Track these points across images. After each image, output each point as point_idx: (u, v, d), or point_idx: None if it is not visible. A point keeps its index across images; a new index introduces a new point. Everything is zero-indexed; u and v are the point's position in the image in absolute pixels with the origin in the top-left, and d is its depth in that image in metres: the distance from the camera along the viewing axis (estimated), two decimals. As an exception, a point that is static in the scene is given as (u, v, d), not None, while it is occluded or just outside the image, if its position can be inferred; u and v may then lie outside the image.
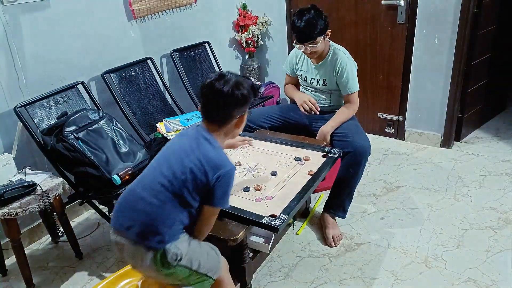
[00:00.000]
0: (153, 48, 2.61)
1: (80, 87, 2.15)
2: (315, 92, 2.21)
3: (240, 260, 1.63)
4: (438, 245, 1.89)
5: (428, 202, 2.21)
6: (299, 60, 2.21)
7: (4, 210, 1.62)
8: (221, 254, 1.37)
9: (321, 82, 2.16)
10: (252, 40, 3.24)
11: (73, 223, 2.21)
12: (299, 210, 2.11)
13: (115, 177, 1.83)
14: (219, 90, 1.20)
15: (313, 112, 2.11)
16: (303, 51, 2.01)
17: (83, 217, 2.34)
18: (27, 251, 1.92)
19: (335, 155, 1.82)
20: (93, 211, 2.15)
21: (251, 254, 1.73)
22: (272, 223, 1.40)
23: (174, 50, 2.70)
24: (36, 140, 1.88)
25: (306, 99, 2.12)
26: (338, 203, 1.99)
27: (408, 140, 2.91)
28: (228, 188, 1.22)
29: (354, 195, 2.01)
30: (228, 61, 3.28)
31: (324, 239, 1.97)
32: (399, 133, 2.96)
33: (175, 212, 1.19)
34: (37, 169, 1.92)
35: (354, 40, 2.88)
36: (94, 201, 2.04)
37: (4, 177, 1.80)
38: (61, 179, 1.84)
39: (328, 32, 2.00)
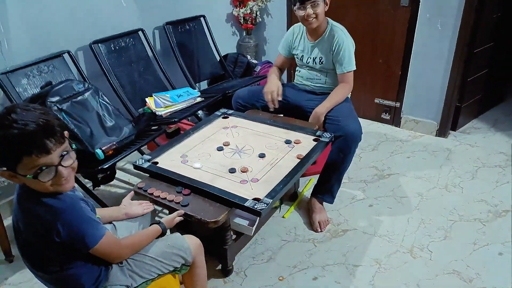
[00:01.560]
0: (145, 19, 2.51)
1: (66, 56, 2.07)
2: (311, 71, 2.14)
3: (222, 242, 1.60)
4: (425, 235, 1.87)
5: (419, 191, 2.18)
6: (295, 39, 2.13)
7: (-19, 180, 1.57)
8: (202, 234, 1.33)
9: (317, 60, 2.09)
10: (250, 16, 3.13)
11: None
12: (287, 193, 2.09)
13: (98, 151, 1.78)
14: None
15: (271, 106, 2.06)
16: (302, 16, 1.91)
17: None
18: (6, 222, 1.89)
19: (326, 140, 1.77)
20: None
21: (234, 236, 1.70)
22: (255, 206, 1.37)
23: (168, 23, 2.60)
24: (18, 109, 1.81)
25: (274, 89, 2.05)
26: (326, 188, 1.96)
27: (404, 127, 2.86)
28: (84, 225, 1.02)
29: (344, 180, 1.97)
30: (224, 38, 3.17)
31: (311, 224, 1.95)
32: (395, 120, 2.90)
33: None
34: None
35: (355, 22, 2.78)
36: (77, 174, 1.99)
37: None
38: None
39: (328, 0, 1.92)
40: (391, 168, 2.40)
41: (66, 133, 1.01)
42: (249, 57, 3.25)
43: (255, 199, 1.41)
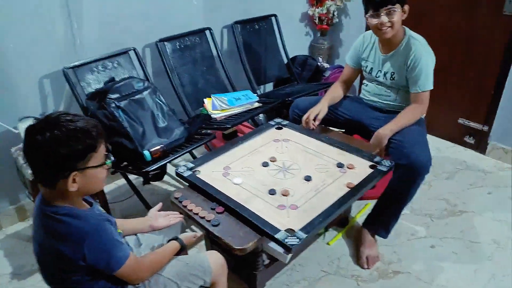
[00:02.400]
0: (214, 18, 2.48)
1: (131, 53, 2.11)
2: (380, 86, 1.91)
3: (252, 267, 1.51)
4: (495, 295, 1.57)
5: (496, 237, 1.84)
6: (366, 48, 1.92)
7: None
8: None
9: (388, 76, 1.85)
10: (326, 17, 2.94)
11: (106, 188, 2.26)
12: (337, 218, 1.91)
13: (146, 152, 1.78)
14: (32, 144, 0.94)
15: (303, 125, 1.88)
16: (375, 24, 1.70)
17: (115, 185, 2.37)
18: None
19: (385, 169, 1.56)
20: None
21: (267, 261, 1.60)
22: (286, 240, 1.24)
23: (236, 22, 2.53)
24: (80, 103, 1.90)
25: (315, 112, 1.85)
26: (381, 220, 1.74)
27: (490, 155, 2.46)
28: (110, 248, 1.00)
29: (405, 211, 1.73)
30: (296, 38, 3.03)
31: (357, 258, 1.75)
32: (481, 146, 2.51)
33: None
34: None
35: (445, 28, 2.43)
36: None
37: (50, 135, 1.86)
38: (97, 146, 1.85)
39: (406, 8, 1.68)
40: (466, 204, 2.07)
41: None
42: (320, 59, 3.06)
43: (288, 230, 1.29)
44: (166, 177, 2.24)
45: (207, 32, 2.41)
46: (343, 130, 2.15)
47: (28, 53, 1.85)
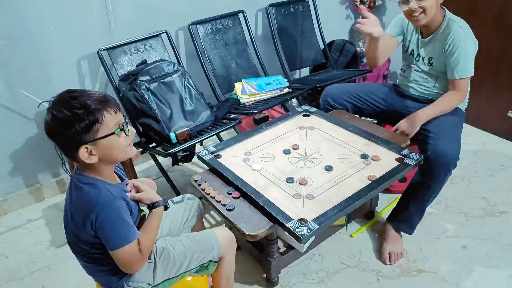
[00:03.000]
0: (249, 1, 2.44)
1: (164, 36, 2.14)
2: (418, 72, 1.80)
3: (267, 253, 1.50)
4: (530, 304, 1.45)
5: (538, 243, 1.70)
6: (409, 26, 1.79)
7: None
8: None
9: (426, 61, 1.74)
10: (368, -1, 2.79)
11: (139, 167, 2.34)
12: (361, 210, 1.85)
13: (172, 135, 1.82)
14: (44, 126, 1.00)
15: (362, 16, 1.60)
16: (406, 11, 1.59)
17: (148, 164, 2.44)
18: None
19: (412, 163, 1.47)
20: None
21: (284, 249, 1.59)
22: (297, 230, 1.21)
23: (271, 5, 2.48)
24: (113, 84, 1.97)
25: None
26: (405, 215, 1.66)
27: (543, 153, 2.24)
28: (114, 225, 1.01)
29: (439, 207, 1.64)
30: (336, 21, 2.91)
31: (380, 253, 1.69)
32: (532, 142, 2.29)
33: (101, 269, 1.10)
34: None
35: (499, 13, 2.21)
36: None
37: (85, 114, 1.95)
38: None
39: None
40: (507, 204, 1.91)
41: None
42: (360, 44, 2.93)
43: (301, 220, 1.26)
44: (195, 159, 2.28)
45: (240, 15, 2.38)
46: (375, 121, 2.06)
47: (67, 34, 1.94)
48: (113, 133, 1.01)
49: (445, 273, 1.59)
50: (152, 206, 1.13)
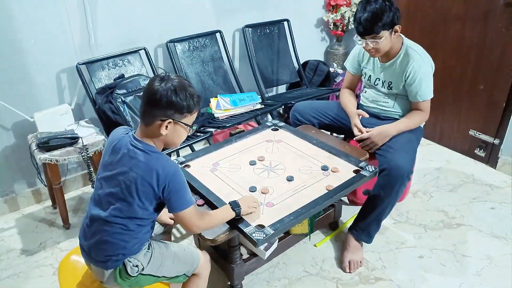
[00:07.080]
0: (226, 22, 2.56)
1: (142, 52, 2.24)
2: (378, 93, 1.92)
3: (230, 259, 1.56)
4: (478, 310, 1.53)
5: (490, 253, 1.79)
6: (364, 55, 1.93)
7: (46, 155, 1.82)
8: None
9: (386, 84, 1.86)
10: (341, 23, 2.95)
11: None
12: (325, 221, 1.93)
13: (144, 146, 1.89)
14: (151, 88, 1.13)
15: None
16: (363, 47, 1.74)
17: None
18: (71, 194, 2.16)
19: (367, 174, 1.57)
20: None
21: (247, 256, 1.65)
22: (253, 235, 1.28)
23: (247, 26, 2.61)
24: (90, 97, 2.04)
25: (357, 122, 1.84)
26: (363, 225, 1.75)
27: (501, 170, 2.37)
28: (181, 188, 1.16)
29: (400, 219, 1.73)
30: (312, 43, 3.06)
31: (340, 261, 1.76)
32: (491, 159, 2.42)
33: (127, 228, 1.15)
34: (91, 124, 2.09)
35: (458, 39, 2.38)
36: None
37: (62, 124, 2.01)
38: (103, 137, 1.98)
39: (397, 28, 1.67)
40: (464, 217, 2.02)
41: None
42: (335, 65, 3.08)
43: (259, 226, 1.33)
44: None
45: (218, 34, 2.50)
46: (342, 136, 2.17)
47: (47, 48, 2.02)
48: (188, 125, 1.18)
49: (401, 281, 1.67)
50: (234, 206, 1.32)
